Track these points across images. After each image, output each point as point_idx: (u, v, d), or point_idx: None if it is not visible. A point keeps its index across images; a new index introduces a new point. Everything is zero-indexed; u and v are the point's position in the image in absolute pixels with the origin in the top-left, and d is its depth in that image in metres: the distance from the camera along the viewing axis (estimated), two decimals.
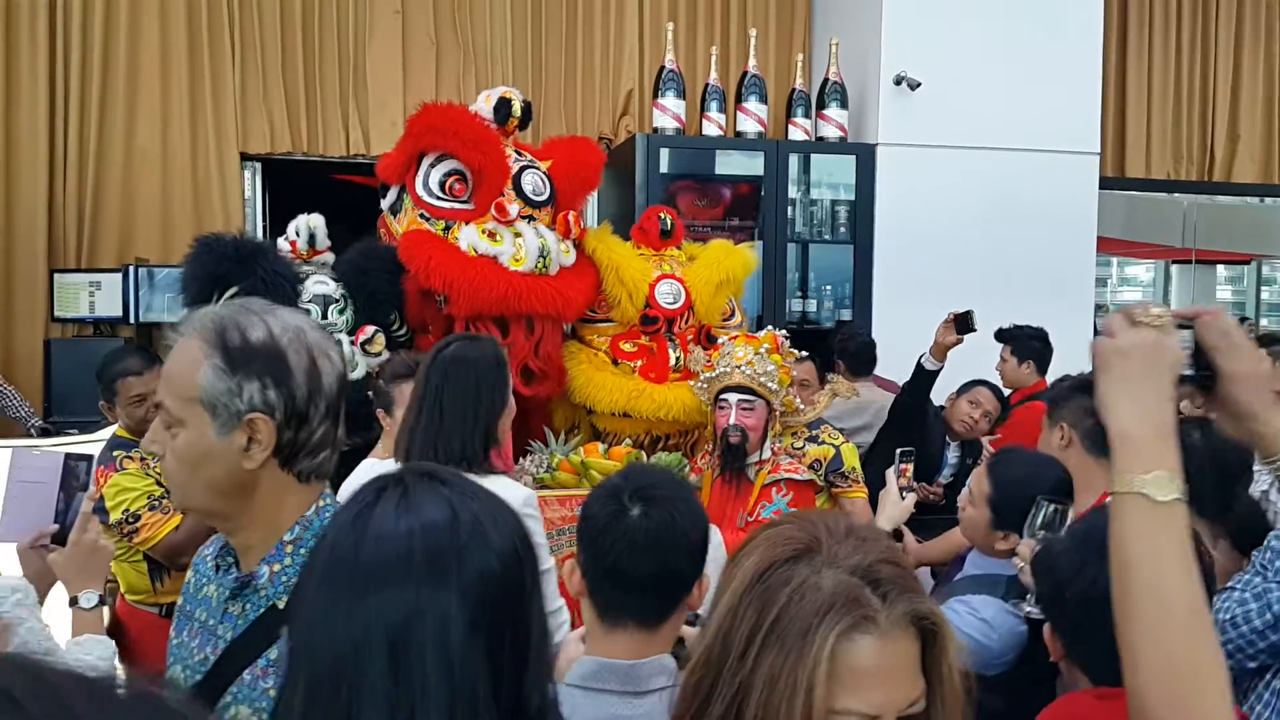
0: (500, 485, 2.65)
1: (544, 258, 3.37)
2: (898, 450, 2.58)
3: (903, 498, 2.54)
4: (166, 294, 4.54)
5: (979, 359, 4.27)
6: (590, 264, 3.62)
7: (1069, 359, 5.01)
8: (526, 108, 3.59)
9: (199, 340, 1.26)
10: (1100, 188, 5.38)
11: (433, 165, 3.43)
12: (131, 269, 4.63)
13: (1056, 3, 5.11)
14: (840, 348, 4.46)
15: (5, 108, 4.73)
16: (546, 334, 3.41)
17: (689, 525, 1.51)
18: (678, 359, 3.56)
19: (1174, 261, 9.15)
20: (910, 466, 2.58)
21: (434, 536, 0.97)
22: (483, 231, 3.35)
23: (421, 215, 3.42)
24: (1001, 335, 4.36)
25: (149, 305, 4.63)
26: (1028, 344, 4.30)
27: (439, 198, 3.41)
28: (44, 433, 4.22)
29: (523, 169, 3.47)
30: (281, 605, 1.23)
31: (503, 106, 3.51)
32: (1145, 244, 8.64)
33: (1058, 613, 1.65)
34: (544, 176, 3.51)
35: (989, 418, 4.12)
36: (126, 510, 2.91)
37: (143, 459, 3.02)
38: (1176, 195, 7.04)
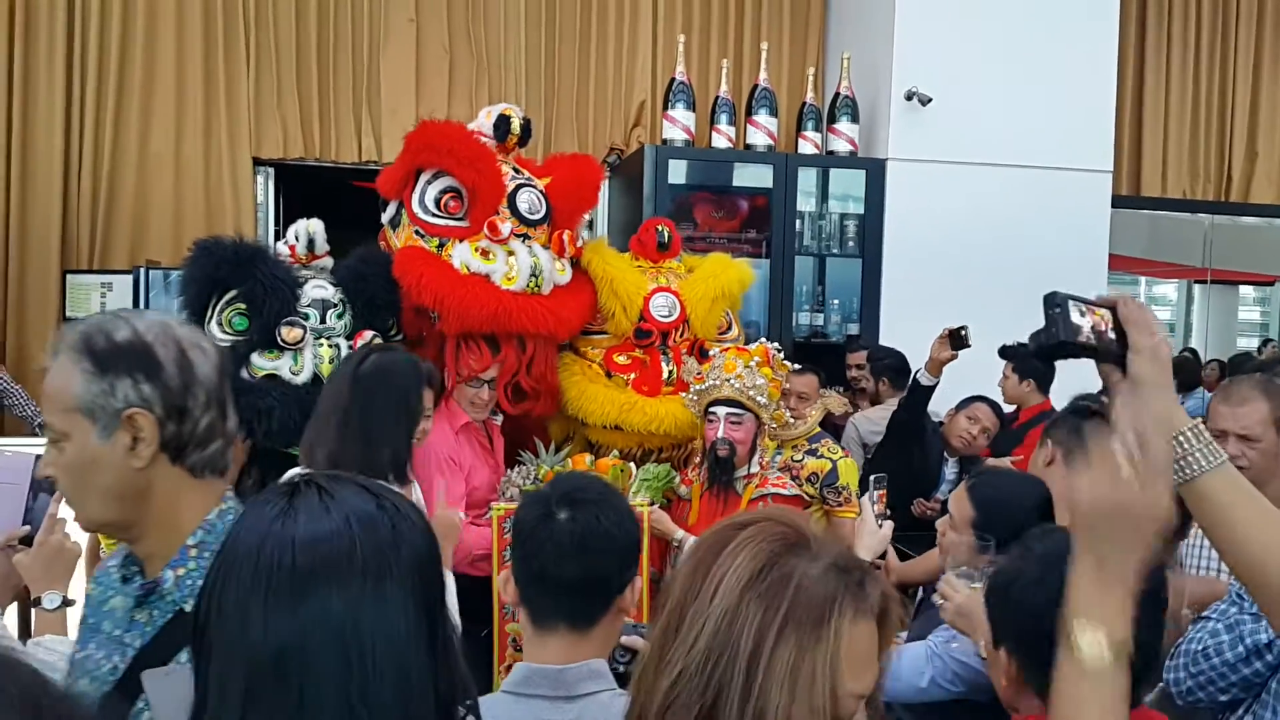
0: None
1: (535, 277, 3.35)
2: (871, 477, 2.54)
3: (879, 525, 2.51)
4: (177, 296, 4.58)
5: (979, 375, 4.25)
6: (587, 282, 3.60)
7: (1077, 379, 4.97)
8: (526, 125, 3.59)
9: (68, 353, 1.28)
10: (1115, 206, 5.34)
11: (429, 182, 3.43)
12: (143, 271, 4.68)
13: (1070, 19, 5.08)
14: (879, 366, 4.45)
15: (22, 110, 4.81)
16: (538, 353, 3.39)
17: (615, 528, 1.53)
18: (670, 372, 3.55)
19: (1196, 281, 9.07)
20: (884, 493, 2.55)
21: (370, 527, 0.98)
22: (476, 249, 3.34)
23: (417, 232, 3.42)
24: (1005, 353, 4.33)
25: (160, 307, 4.67)
26: (1029, 362, 4.27)
27: (434, 214, 3.41)
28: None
29: (519, 187, 3.45)
30: (188, 609, 1.23)
31: (502, 123, 3.51)
32: (1165, 263, 8.56)
33: (1029, 644, 1.56)
34: (540, 195, 3.49)
35: (987, 434, 4.10)
36: None
37: None
38: (1199, 215, 6.98)
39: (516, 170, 3.54)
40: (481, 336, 3.31)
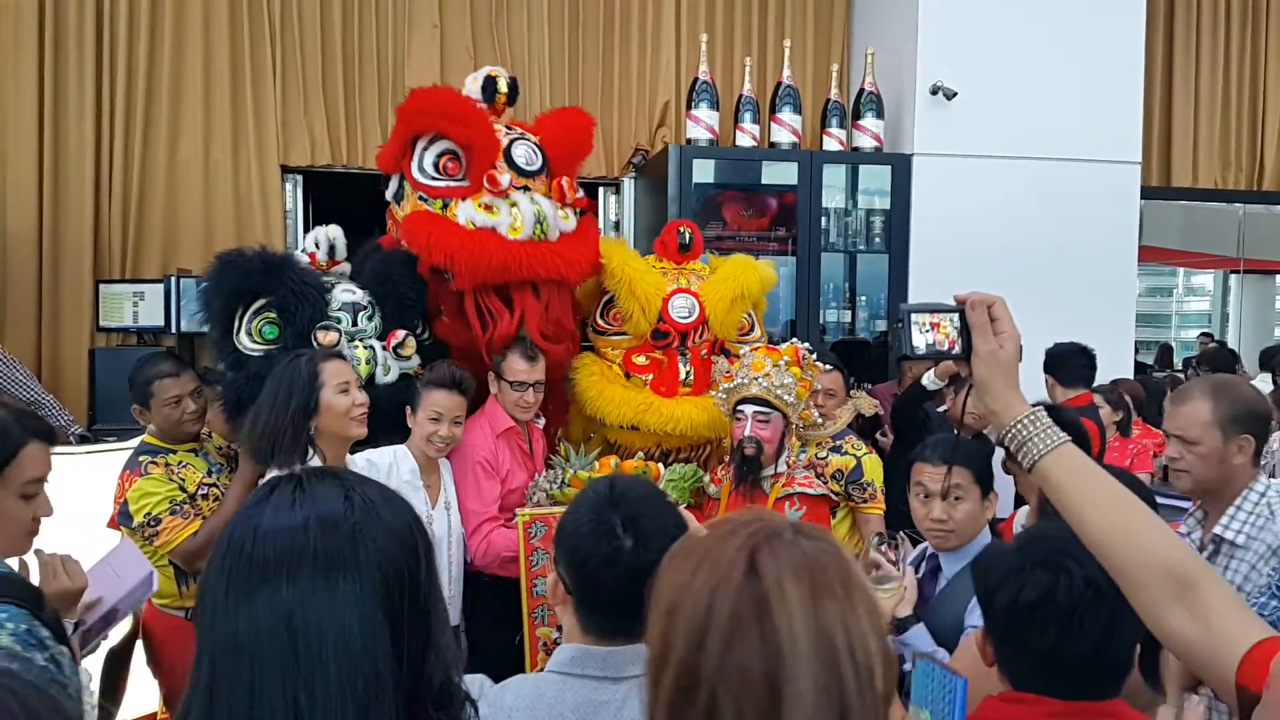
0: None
1: (540, 224, 3.42)
2: (874, 535, 2.48)
3: (900, 573, 2.44)
4: (200, 310, 4.62)
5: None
6: (593, 228, 3.71)
7: (1111, 370, 4.94)
8: (513, 84, 3.68)
9: None
10: (1145, 197, 5.28)
11: (425, 148, 3.49)
12: (174, 279, 4.74)
13: (1096, 9, 5.03)
14: (1053, 363, 4.36)
15: (54, 124, 4.87)
16: (553, 299, 3.47)
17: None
18: (688, 374, 3.55)
19: (1232, 271, 8.97)
20: (894, 550, 2.47)
21: (330, 523, 1.01)
22: (479, 205, 3.41)
23: (420, 197, 3.48)
24: (1048, 366, 4.29)
25: (190, 315, 4.72)
26: (1077, 370, 4.23)
27: (434, 177, 3.47)
28: (83, 439, 4.33)
29: (513, 141, 3.54)
30: None
31: (489, 84, 3.61)
32: (1200, 254, 8.48)
33: (990, 617, 1.64)
34: (535, 147, 3.58)
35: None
36: (148, 514, 2.98)
37: (167, 464, 3.08)
38: (1234, 204, 6.90)
39: (508, 128, 3.62)
40: (494, 290, 3.37)
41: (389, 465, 3.04)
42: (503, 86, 3.63)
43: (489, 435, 3.27)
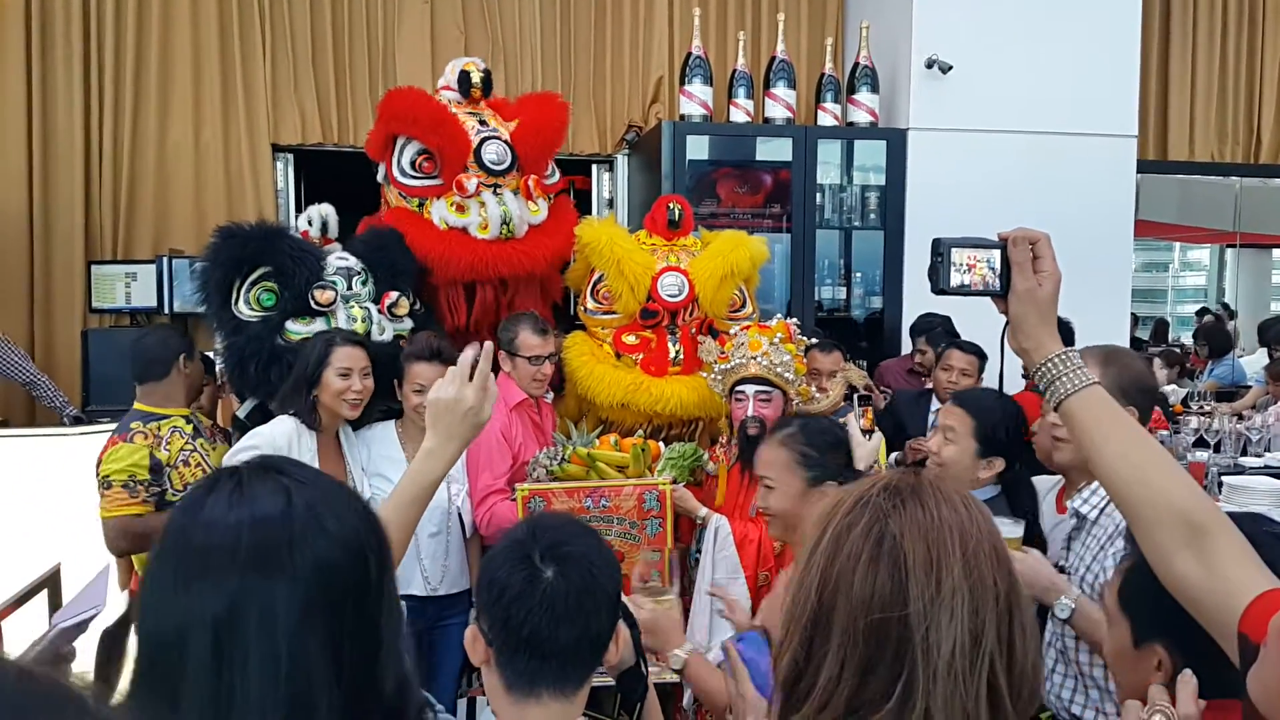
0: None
1: (506, 224, 3.65)
2: (855, 396, 2.61)
3: (867, 438, 2.54)
4: (199, 282, 4.61)
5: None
6: (565, 218, 3.86)
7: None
8: (486, 76, 3.86)
9: None
10: (1141, 171, 5.26)
11: (404, 146, 3.71)
12: (166, 260, 4.72)
13: None
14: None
15: (42, 105, 4.83)
16: (520, 290, 3.73)
17: (608, 581, 1.40)
18: (677, 353, 3.57)
19: (1228, 246, 8.95)
20: (869, 409, 2.59)
21: (265, 526, 0.97)
22: (451, 205, 3.65)
23: (400, 194, 3.70)
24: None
25: (183, 295, 4.70)
26: None
27: (411, 176, 3.70)
28: (77, 420, 4.32)
29: (484, 140, 3.69)
30: None
31: (463, 79, 3.80)
32: (1196, 228, 8.45)
33: (1186, 636, 1.39)
34: (505, 145, 3.72)
35: (968, 375, 3.94)
36: (106, 475, 3.06)
37: (157, 432, 3.12)
38: (1231, 178, 6.87)
39: (482, 122, 3.75)
40: (462, 286, 3.65)
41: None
42: (476, 79, 3.81)
43: (503, 409, 3.31)
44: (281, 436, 2.96)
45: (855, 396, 2.66)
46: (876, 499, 1.08)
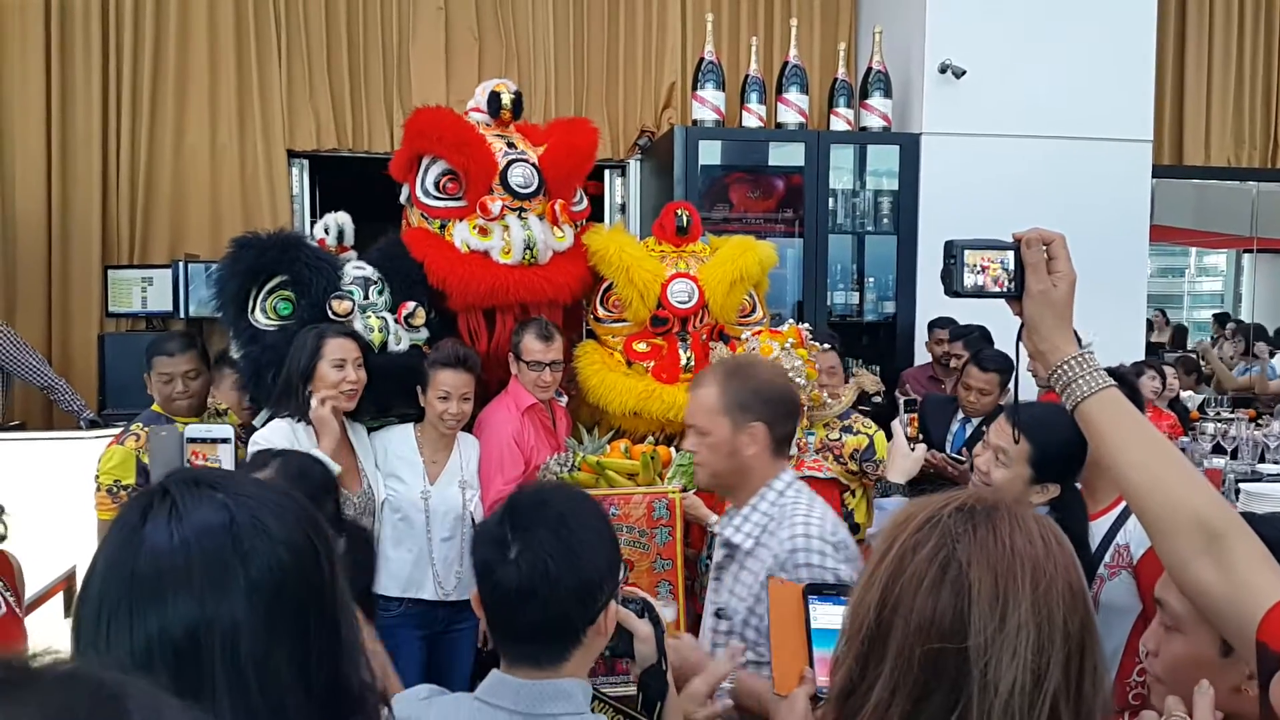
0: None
1: (530, 249, 3.54)
2: (902, 400, 2.55)
3: (911, 448, 2.47)
4: (216, 292, 4.64)
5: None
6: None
7: (1122, 351, 4.91)
8: (517, 99, 3.76)
9: None
10: (1156, 175, 5.23)
11: (429, 165, 3.61)
12: (182, 264, 4.75)
13: None
14: (971, 340, 4.31)
15: (61, 110, 4.87)
16: (543, 316, 3.57)
17: (566, 569, 1.37)
18: (689, 360, 3.56)
19: (1245, 250, 8.89)
20: (915, 417, 2.54)
21: (212, 544, 0.93)
22: (474, 227, 3.55)
23: (422, 215, 3.62)
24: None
25: (199, 300, 4.72)
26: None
27: (435, 197, 3.60)
28: (93, 424, 4.34)
29: (511, 163, 3.59)
30: None
31: (493, 100, 3.70)
32: (1212, 233, 8.41)
33: None
34: (532, 168, 3.62)
35: (985, 393, 3.95)
36: (96, 476, 3.14)
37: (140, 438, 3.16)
38: (1248, 183, 6.83)
39: (510, 145, 3.66)
40: (482, 311, 3.53)
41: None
42: (506, 101, 3.71)
43: (515, 413, 3.36)
44: (281, 439, 2.94)
45: (902, 402, 2.60)
46: (947, 520, 1.03)
